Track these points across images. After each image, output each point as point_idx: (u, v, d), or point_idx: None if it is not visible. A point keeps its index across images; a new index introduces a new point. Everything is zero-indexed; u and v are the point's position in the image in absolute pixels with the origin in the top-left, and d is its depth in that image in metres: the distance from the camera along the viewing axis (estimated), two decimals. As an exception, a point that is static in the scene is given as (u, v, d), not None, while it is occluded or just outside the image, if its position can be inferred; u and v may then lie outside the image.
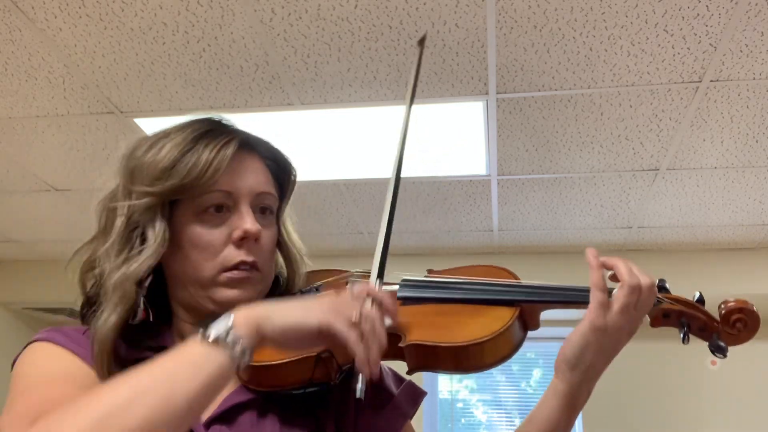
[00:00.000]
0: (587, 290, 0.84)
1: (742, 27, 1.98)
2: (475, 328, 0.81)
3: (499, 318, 0.82)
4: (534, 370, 4.37)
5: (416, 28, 2.04)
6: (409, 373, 0.84)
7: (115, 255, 0.84)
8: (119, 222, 0.85)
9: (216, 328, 0.69)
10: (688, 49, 2.08)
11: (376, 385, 0.92)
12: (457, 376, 4.45)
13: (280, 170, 0.96)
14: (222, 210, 0.86)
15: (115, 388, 0.64)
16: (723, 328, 0.87)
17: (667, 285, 0.89)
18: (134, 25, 2.06)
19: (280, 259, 0.97)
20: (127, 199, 0.86)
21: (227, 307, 0.85)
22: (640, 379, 3.76)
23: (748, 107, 2.37)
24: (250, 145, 0.91)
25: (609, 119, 2.48)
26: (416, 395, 0.96)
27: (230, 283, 0.85)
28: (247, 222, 0.85)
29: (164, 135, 0.88)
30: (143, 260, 0.83)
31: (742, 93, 2.30)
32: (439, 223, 3.46)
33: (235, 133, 0.90)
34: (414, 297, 0.89)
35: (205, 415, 0.81)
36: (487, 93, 2.35)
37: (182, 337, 0.90)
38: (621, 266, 0.83)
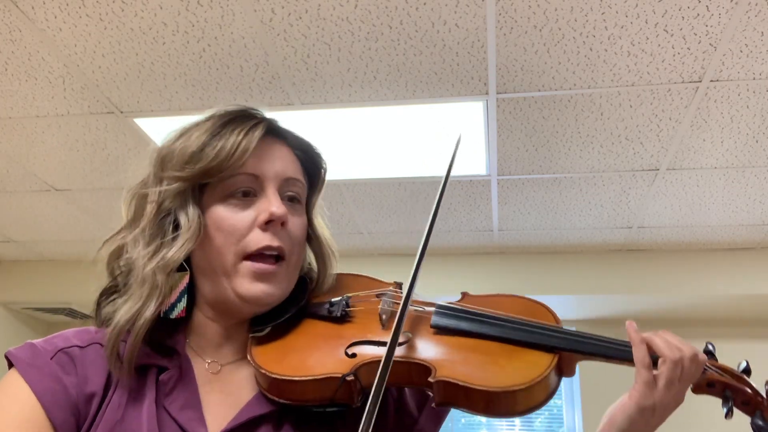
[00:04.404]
0: (630, 348, 0.80)
1: (742, 27, 1.98)
2: (512, 373, 0.77)
3: (537, 364, 0.78)
4: (534, 370, 4.37)
5: (416, 28, 2.04)
6: (436, 407, 0.80)
7: (145, 244, 0.82)
8: (150, 208, 0.83)
9: None
10: (688, 49, 2.08)
11: (398, 408, 0.89)
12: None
13: (309, 161, 0.93)
14: (249, 195, 0.84)
15: None
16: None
17: (714, 350, 0.85)
18: (134, 25, 2.06)
19: (310, 256, 0.93)
20: (158, 186, 0.84)
21: (253, 303, 0.83)
22: (640, 379, 3.76)
23: (748, 107, 2.37)
24: (278, 132, 0.90)
25: (609, 119, 2.48)
26: (439, 417, 0.91)
27: (254, 276, 0.81)
28: (273, 204, 0.82)
29: (194, 124, 0.87)
30: (178, 248, 0.80)
31: (742, 93, 2.30)
32: (439, 223, 3.46)
33: (264, 118, 0.88)
34: (449, 327, 0.84)
35: (221, 426, 0.78)
36: (487, 93, 2.35)
37: (200, 335, 0.86)
38: (658, 341, 0.79)
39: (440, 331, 0.84)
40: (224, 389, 0.83)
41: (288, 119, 2.94)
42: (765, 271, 3.53)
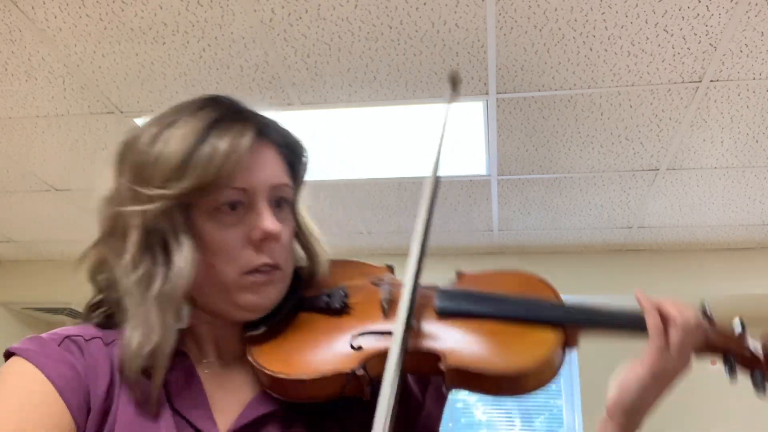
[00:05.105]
0: (637, 317, 0.80)
1: (742, 27, 1.98)
2: (521, 353, 0.76)
3: (545, 342, 0.77)
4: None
5: (416, 28, 2.04)
6: (445, 391, 0.79)
7: (132, 269, 0.76)
8: (133, 234, 0.76)
9: None
10: (688, 49, 2.08)
11: (403, 393, 0.86)
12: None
13: (293, 155, 0.87)
14: (237, 207, 0.78)
15: None
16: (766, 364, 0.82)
17: (708, 309, 0.86)
18: (134, 25, 2.06)
19: (299, 250, 0.89)
20: (137, 203, 0.76)
21: (253, 311, 0.80)
22: (640, 379, 3.76)
23: (748, 107, 2.37)
24: (264, 132, 0.83)
25: (609, 119, 2.48)
26: (442, 395, 0.88)
27: (254, 287, 0.79)
28: (266, 221, 0.78)
29: (170, 123, 0.79)
30: (176, 280, 0.75)
31: (742, 93, 2.30)
32: (439, 223, 3.46)
33: (250, 118, 0.82)
34: (453, 311, 0.82)
35: (226, 426, 0.76)
36: (487, 93, 2.35)
37: (195, 336, 0.84)
38: (669, 306, 0.80)
39: (445, 315, 0.82)
40: (224, 387, 0.81)
41: (288, 119, 2.95)
42: (765, 271, 3.53)
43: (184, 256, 0.75)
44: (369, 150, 2.80)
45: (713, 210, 3.19)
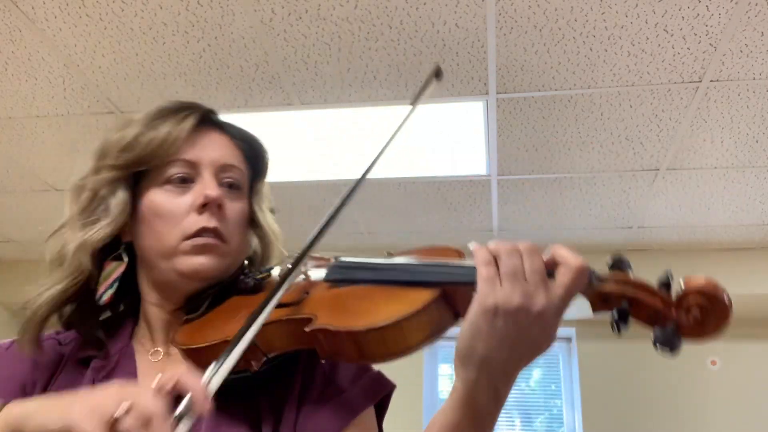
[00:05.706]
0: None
1: (742, 27, 1.98)
2: (383, 312, 0.71)
3: (413, 301, 0.71)
4: (534, 370, 4.37)
5: (416, 28, 2.04)
6: (323, 361, 0.80)
7: (75, 229, 0.87)
8: (84, 196, 0.89)
9: None
10: (688, 49, 2.08)
11: (327, 378, 0.86)
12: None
13: (252, 151, 0.96)
14: (187, 181, 0.87)
15: None
16: (677, 316, 0.68)
17: (626, 261, 0.74)
18: (134, 25, 2.06)
19: (255, 241, 0.95)
20: (95, 176, 0.89)
21: (192, 277, 0.84)
22: (640, 379, 3.76)
23: (748, 107, 2.37)
24: (216, 122, 0.93)
25: (609, 119, 2.48)
26: (378, 388, 0.86)
27: (193, 251, 0.84)
28: (208, 188, 0.85)
29: (132, 118, 0.93)
30: (101, 227, 0.85)
31: (742, 93, 2.30)
32: (439, 223, 3.46)
33: (198, 109, 0.92)
34: (341, 279, 0.82)
35: None
36: (487, 93, 2.35)
37: (146, 323, 0.90)
38: (491, 243, 0.72)
39: (334, 284, 0.81)
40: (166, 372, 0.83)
41: (288, 119, 2.93)
42: (765, 271, 3.53)
43: (117, 206, 0.86)
44: (369, 150, 2.80)
45: (713, 210, 3.19)
